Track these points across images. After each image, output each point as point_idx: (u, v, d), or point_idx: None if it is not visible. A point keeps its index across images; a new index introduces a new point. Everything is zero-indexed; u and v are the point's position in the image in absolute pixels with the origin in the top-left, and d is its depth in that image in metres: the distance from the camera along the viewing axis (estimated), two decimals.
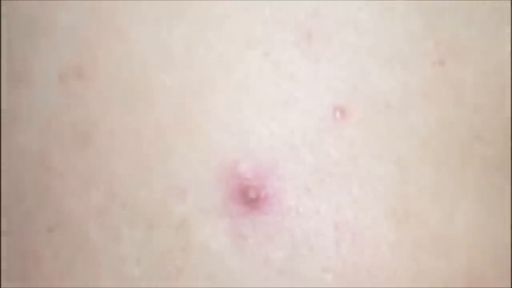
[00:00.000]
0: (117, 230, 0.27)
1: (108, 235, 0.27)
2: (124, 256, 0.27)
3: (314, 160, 0.27)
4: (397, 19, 0.27)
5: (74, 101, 0.27)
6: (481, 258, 0.27)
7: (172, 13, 0.27)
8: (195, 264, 0.27)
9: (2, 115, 0.28)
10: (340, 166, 0.27)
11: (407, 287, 0.26)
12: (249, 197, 0.27)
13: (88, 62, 0.27)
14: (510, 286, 0.27)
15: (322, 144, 0.27)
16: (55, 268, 0.27)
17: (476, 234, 0.27)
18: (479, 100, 0.27)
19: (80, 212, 0.27)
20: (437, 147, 0.27)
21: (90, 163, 0.27)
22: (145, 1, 0.27)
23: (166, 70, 0.27)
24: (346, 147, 0.27)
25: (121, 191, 0.27)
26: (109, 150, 0.27)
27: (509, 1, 0.28)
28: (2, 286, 0.28)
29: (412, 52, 0.27)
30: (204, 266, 0.27)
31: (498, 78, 0.27)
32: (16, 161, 0.28)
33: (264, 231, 0.27)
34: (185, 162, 0.27)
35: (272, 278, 0.26)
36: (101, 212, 0.27)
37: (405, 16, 0.27)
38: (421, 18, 0.27)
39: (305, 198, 0.26)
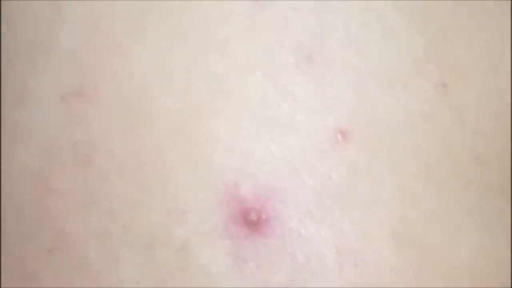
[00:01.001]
0: (117, 252, 0.27)
1: (107, 257, 0.27)
2: (124, 278, 0.27)
3: (315, 183, 0.26)
4: (399, 41, 0.27)
5: (75, 121, 0.27)
6: (484, 284, 0.27)
7: (173, 36, 0.27)
8: (195, 286, 0.26)
9: (2, 135, 0.28)
10: (342, 189, 0.26)
11: None
12: (250, 220, 0.27)
13: (89, 83, 0.27)
14: None
15: (323, 167, 0.26)
16: None
17: (478, 260, 0.27)
18: (480, 124, 0.27)
19: (80, 233, 0.27)
20: (438, 170, 0.27)
21: (90, 184, 0.27)
22: (147, 23, 0.27)
23: (167, 92, 0.27)
24: (347, 170, 0.27)
25: (121, 213, 0.27)
26: (109, 171, 0.27)
27: (510, 24, 0.27)
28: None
29: (414, 75, 0.27)
30: None
31: (499, 102, 0.27)
32: (16, 181, 0.28)
33: (265, 253, 0.26)
34: (186, 184, 0.27)
35: None
36: (101, 234, 0.27)
37: (407, 38, 0.27)
38: (422, 40, 0.27)
39: (306, 221, 0.26)
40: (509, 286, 0.27)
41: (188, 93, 0.27)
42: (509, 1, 0.28)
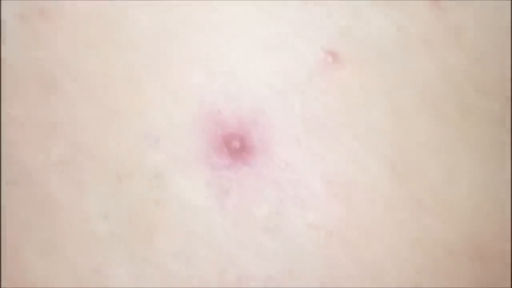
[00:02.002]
0: (83, 183, 0.24)
1: (72, 189, 0.24)
2: (90, 212, 0.24)
3: (304, 108, 0.24)
4: None
5: (37, 42, 0.25)
6: (483, 220, 0.24)
7: None
8: (170, 220, 0.24)
9: None
10: (333, 114, 0.24)
11: (404, 249, 0.24)
12: (232, 147, 0.24)
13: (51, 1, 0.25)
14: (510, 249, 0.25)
15: (312, 91, 0.24)
16: (12, 226, 0.24)
17: (477, 194, 0.24)
18: (479, 48, 0.25)
19: (42, 164, 0.24)
20: (436, 97, 0.25)
21: (53, 110, 0.24)
22: None
23: (141, 8, 0.24)
24: (338, 94, 0.24)
25: (88, 141, 0.24)
26: (74, 95, 0.24)
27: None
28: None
29: None
30: (180, 222, 0.24)
31: (498, 24, 0.25)
32: None
33: (248, 184, 0.24)
34: (160, 107, 0.24)
35: (256, 236, 0.24)
36: (65, 164, 0.24)
37: None
38: None
39: (294, 149, 0.24)
40: (509, 223, 0.25)
41: (165, 9, 0.24)
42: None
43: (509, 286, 0.25)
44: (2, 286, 0.24)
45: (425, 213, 0.24)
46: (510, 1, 0.25)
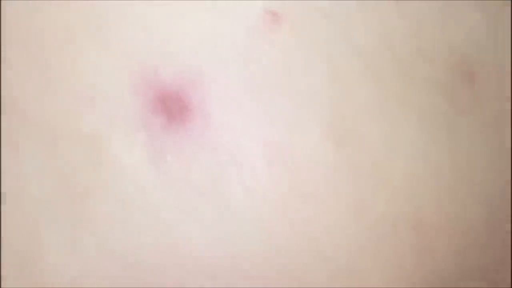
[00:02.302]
0: (13, 145, 0.23)
1: (5, 151, 0.23)
2: (22, 175, 0.23)
3: (244, 69, 0.24)
4: None
5: None
6: (422, 190, 0.24)
7: None
8: (105, 183, 0.23)
9: None
10: (273, 77, 0.24)
11: (342, 216, 0.24)
12: (169, 108, 0.24)
13: None
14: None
15: (252, 52, 0.24)
16: None
17: (418, 163, 0.24)
18: (422, 14, 0.25)
19: None
20: (377, 63, 0.24)
21: None
22: None
23: None
24: (279, 57, 0.24)
25: (18, 100, 0.23)
26: (10, 56, 0.23)
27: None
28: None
29: None
30: (115, 185, 0.23)
31: None
32: None
33: (185, 147, 0.23)
34: (95, 66, 0.23)
35: (193, 200, 0.23)
36: None
37: None
38: None
39: (232, 111, 0.23)
40: (449, 193, 0.25)
41: None
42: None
43: (448, 255, 0.25)
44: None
45: (363, 180, 0.24)
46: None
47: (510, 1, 0.26)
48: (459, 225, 0.24)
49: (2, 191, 0.23)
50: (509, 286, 0.26)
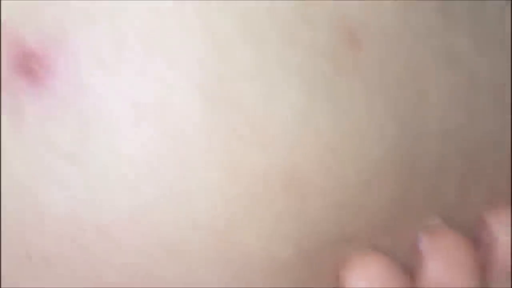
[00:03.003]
0: None
1: None
2: None
3: (112, 28, 0.22)
4: None
5: None
6: (303, 152, 0.23)
7: None
8: None
9: None
10: (144, 36, 0.23)
11: (216, 177, 0.22)
12: (31, 69, 0.22)
13: None
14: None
15: (123, 13, 0.23)
16: None
17: (297, 125, 0.23)
18: None
19: None
20: (257, 24, 0.23)
21: None
22: None
23: None
24: (151, 16, 0.23)
25: None
26: None
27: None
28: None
29: None
30: None
31: None
32: None
33: (48, 109, 0.22)
34: None
35: (57, 164, 0.22)
36: None
37: None
38: None
39: (98, 72, 0.22)
40: (330, 157, 0.24)
41: None
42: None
43: (325, 215, 0.23)
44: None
45: (240, 142, 0.23)
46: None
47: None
48: (338, 185, 0.23)
49: None
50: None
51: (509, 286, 0.27)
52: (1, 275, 0.23)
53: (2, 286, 0.23)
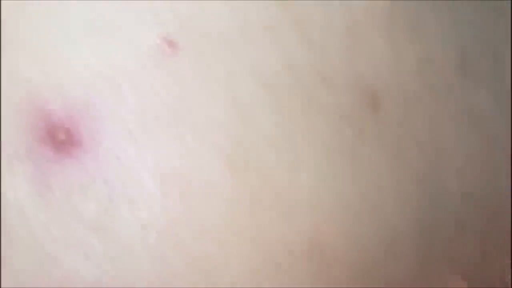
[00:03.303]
0: None
1: None
2: None
3: (138, 99, 0.23)
4: None
5: None
6: (326, 220, 0.23)
7: None
8: None
9: None
10: (169, 107, 0.23)
11: (241, 248, 0.23)
12: (58, 140, 0.22)
13: None
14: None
15: (147, 82, 0.23)
16: None
17: (321, 192, 0.23)
18: (326, 41, 0.24)
19: None
20: (279, 90, 0.23)
21: None
22: None
23: None
24: (175, 86, 0.23)
25: None
26: None
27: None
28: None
29: None
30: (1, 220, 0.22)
31: (345, 18, 0.24)
32: None
33: (74, 180, 0.22)
34: None
35: (82, 235, 0.22)
36: None
37: None
38: None
39: (125, 143, 0.22)
40: (354, 225, 0.24)
41: None
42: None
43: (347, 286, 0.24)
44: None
45: (264, 210, 0.23)
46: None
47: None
48: (361, 250, 0.24)
49: None
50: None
51: None
52: None
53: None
